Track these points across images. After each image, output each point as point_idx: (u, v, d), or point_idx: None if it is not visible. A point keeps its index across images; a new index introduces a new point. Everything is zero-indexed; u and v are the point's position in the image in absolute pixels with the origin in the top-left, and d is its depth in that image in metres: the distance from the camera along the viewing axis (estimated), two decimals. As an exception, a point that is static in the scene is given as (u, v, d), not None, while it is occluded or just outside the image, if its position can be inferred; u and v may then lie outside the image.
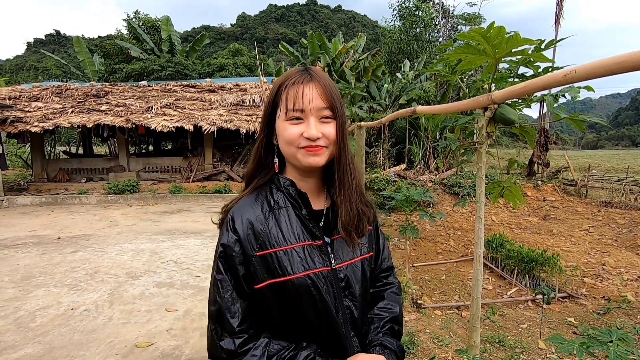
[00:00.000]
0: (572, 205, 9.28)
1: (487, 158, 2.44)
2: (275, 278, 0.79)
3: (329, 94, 0.80)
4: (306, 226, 0.85)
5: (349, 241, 0.86)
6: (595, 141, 75.40)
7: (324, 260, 0.84)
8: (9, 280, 3.87)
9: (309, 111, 0.79)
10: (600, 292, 4.35)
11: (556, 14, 11.86)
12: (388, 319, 0.94)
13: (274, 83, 0.86)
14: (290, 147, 0.81)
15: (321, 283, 0.81)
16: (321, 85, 0.80)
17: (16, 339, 2.71)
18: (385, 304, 0.97)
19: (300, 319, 0.81)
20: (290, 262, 0.80)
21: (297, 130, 0.79)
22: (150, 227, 6.44)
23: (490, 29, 1.54)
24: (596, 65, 0.92)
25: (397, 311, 0.97)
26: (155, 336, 2.75)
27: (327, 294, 0.82)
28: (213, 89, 11.62)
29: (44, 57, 29.17)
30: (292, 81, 0.81)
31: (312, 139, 0.78)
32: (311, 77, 0.81)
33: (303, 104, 0.78)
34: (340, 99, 0.83)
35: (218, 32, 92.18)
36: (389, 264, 1.04)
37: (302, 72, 0.82)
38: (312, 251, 0.83)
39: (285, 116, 0.80)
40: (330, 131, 0.81)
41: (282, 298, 0.80)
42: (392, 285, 1.02)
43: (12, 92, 10.57)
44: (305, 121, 0.80)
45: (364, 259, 0.90)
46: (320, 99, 0.79)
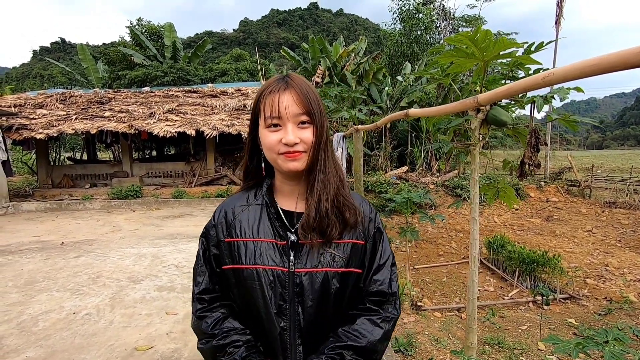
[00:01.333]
0: (575, 206, 9.23)
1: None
2: (233, 264, 0.88)
3: (305, 100, 0.82)
4: (273, 225, 0.88)
5: (323, 244, 0.84)
6: (600, 141, 74.79)
7: (282, 260, 0.85)
8: (12, 285, 3.92)
9: (286, 118, 0.81)
10: (602, 293, 4.32)
11: (556, 14, 11.86)
12: (344, 345, 0.82)
13: (257, 94, 0.88)
14: (271, 153, 0.84)
15: (268, 280, 0.83)
16: (297, 92, 0.82)
17: (19, 342, 2.75)
18: (351, 328, 0.84)
19: (249, 308, 0.87)
20: (245, 252, 0.86)
21: (275, 137, 0.82)
22: (152, 231, 6.49)
23: (477, 32, 1.56)
24: (572, 68, 0.95)
25: (363, 343, 0.82)
26: (155, 339, 2.78)
27: (272, 293, 0.83)
28: (215, 94, 11.72)
29: (50, 65, 29.53)
30: (270, 90, 0.83)
31: (289, 145, 0.81)
32: (287, 85, 0.83)
33: (279, 111, 0.81)
34: (318, 103, 0.85)
35: (220, 38, 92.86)
36: (382, 289, 0.88)
37: (279, 80, 0.85)
38: (271, 249, 0.86)
39: (264, 124, 0.83)
40: (307, 136, 0.83)
41: (238, 284, 0.87)
42: (376, 314, 0.87)
43: (17, 99, 10.73)
44: (283, 128, 0.82)
45: (334, 272, 0.84)
46: (296, 105, 0.82)
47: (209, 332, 0.86)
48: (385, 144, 11.69)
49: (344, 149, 4.76)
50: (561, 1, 11.91)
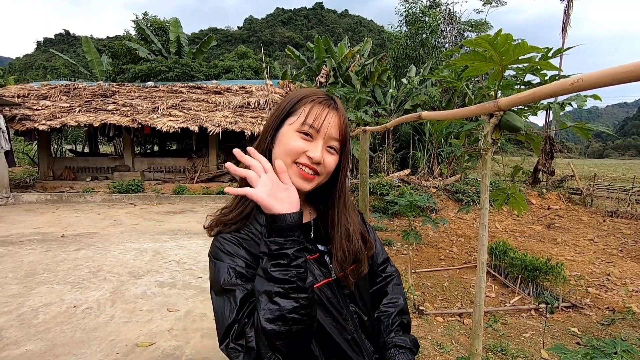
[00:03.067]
0: (577, 214, 9.21)
1: (491, 165, 2.43)
2: None
3: (344, 129, 0.82)
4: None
5: (343, 280, 0.83)
6: (601, 150, 74.84)
7: (324, 271, 0.83)
8: (12, 277, 3.90)
9: (322, 134, 0.79)
10: (604, 303, 4.30)
11: (563, 22, 11.86)
12: (396, 314, 0.94)
13: (298, 92, 0.84)
14: (287, 158, 0.78)
15: (327, 295, 0.81)
16: (341, 118, 0.82)
17: (19, 335, 2.72)
18: (390, 298, 0.97)
19: (317, 334, 0.77)
20: None
21: (303, 144, 0.78)
22: (153, 227, 6.47)
23: (498, 36, 1.54)
24: (604, 74, 0.92)
25: (402, 302, 0.97)
26: (156, 336, 2.76)
27: (332, 306, 0.81)
28: (219, 90, 11.70)
29: (53, 57, 29.49)
30: (320, 100, 0.81)
31: (313, 161, 0.78)
32: (337, 107, 0.83)
33: (322, 126, 0.79)
34: (349, 136, 0.85)
35: (225, 35, 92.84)
36: (384, 256, 1.04)
37: (328, 96, 0.84)
38: (311, 265, 0.81)
39: (298, 127, 0.79)
40: (330, 163, 0.81)
41: None
42: (392, 277, 1.02)
43: (21, 90, 10.70)
44: (314, 141, 0.79)
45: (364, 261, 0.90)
46: (336, 129, 0.81)
47: None
48: (388, 147, 11.68)
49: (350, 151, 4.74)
50: (568, 8, 11.91)
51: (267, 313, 0.63)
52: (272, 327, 0.63)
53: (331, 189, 0.87)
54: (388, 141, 11.73)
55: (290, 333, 0.64)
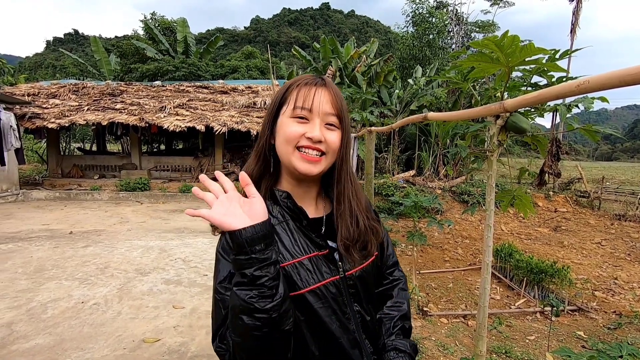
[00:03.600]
0: (584, 217, 9.12)
1: (497, 167, 2.43)
2: (292, 292, 0.76)
3: (338, 103, 0.80)
4: (309, 237, 0.81)
5: (348, 257, 0.82)
6: (610, 153, 73.91)
7: (332, 269, 0.81)
8: (22, 272, 3.96)
9: (316, 113, 0.77)
10: (611, 307, 4.26)
11: (572, 23, 11.74)
12: (398, 318, 0.93)
13: (285, 84, 0.84)
14: (288, 147, 0.78)
15: (332, 293, 0.79)
16: (332, 93, 0.80)
17: (28, 329, 2.77)
18: (394, 302, 0.96)
19: (316, 330, 0.78)
20: (299, 276, 0.77)
21: (299, 128, 0.77)
22: (160, 225, 6.53)
23: (504, 37, 1.54)
24: (610, 76, 0.93)
25: (406, 308, 0.96)
26: (162, 332, 2.79)
27: (336, 304, 0.80)
28: (225, 90, 11.76)
29: (62, 56, 29.83)
30: (305, 82, 0.80)
31: (314, 140, 0.76)
32: (324, 83, 0.81)
33: (312, 104, 0.77)
34: (347, 112, 0.83)
35: (232, 35, 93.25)
36: (394, 260, 1.03)
37: (315, 76, 0.83)
38: (319, 262, 0.80)
39: (291, 112, 0.78)
40: (333, 139, 0.79)
41: (301, 309, 0.77)
42: (399, 281, 1.01)
43: (31, 89, 10.85)
44: (310, 122, 0.78)
45: (373, 260, 0.89)
46: (330, 105, 0.78)
47: None
48: (393, 147, 11.66)
49: (355, 150, 4.75)
50: (577, 10, 11.80)
51: (234, 327, 0.67)
52: (237, 339, 0.67)
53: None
54: (393, 142, 11.71)
55: (254, 347, 0.66)
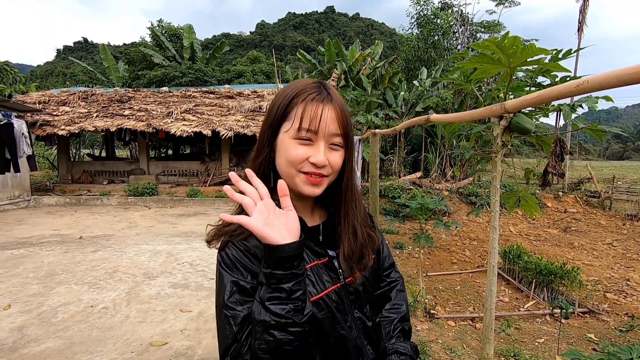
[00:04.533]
0: (594, 217, 8.97)
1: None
2: None
3: (344, 120, 0.76)
4: (309, 246, 0.79)
5: (348, 270, 0.81)
6: (621, 152, 72.55)
7: (333, 277, 0.80)
8: (33, 277, 4.04)
9: (322, 135, 0.73)
10: (623, 309, 4.18)
11: (579, 21, 11.61)
12: (397, 320, 0.93)
13: (286, 92, 0.77)
14: (291, 169, 0.74)
15: (334, 302, 0.78)
16: (339, 109, 0.75)
17: (39, 333, 2.82)
18: (392, 304, 0.96)
19: (319, 339, 0.76)
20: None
21: (303, 152, 0.73)
22: (167, 229, 6.59)
23: (505, 38, 1.54)
24: (608, 76, 0.93)
25: (404, 309, 0.96)
26: (170, 336, 2.82)
27: (338, 313, 0.78)
28: (231, 95, 11.87)
29: (72, 64, 30.40)
30: (311, 97, 0.74)
31: (318, 166, 0.73)
32: (331, 98, 0.75)
33: (319, 126, 0.72)
34: (351, 124, 0.80)
35: (237, 40, 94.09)
36: (390, 261, 1.02)
37: (319, 88, 0.76)
38: (320, 271, 0.79)
39: (295, 133, 0.73)
40: (336, 160, 0.76)
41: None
42: (396, 283, 1.00)
43: (42, 97, 11.08)
44: (314, 144, 0.74)
45: (372, 267, 0.89)
46: (336, 125, 0.74)
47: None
48: (399, 149, 11.63)
49: (360, 152, 4.75)
50: (584, 8, 11.67)
51: (263, 343, 0.63)
52: (266, 356, 0.64)
53: (339, 186, 0.83)
54: (399, 144, 11.68)
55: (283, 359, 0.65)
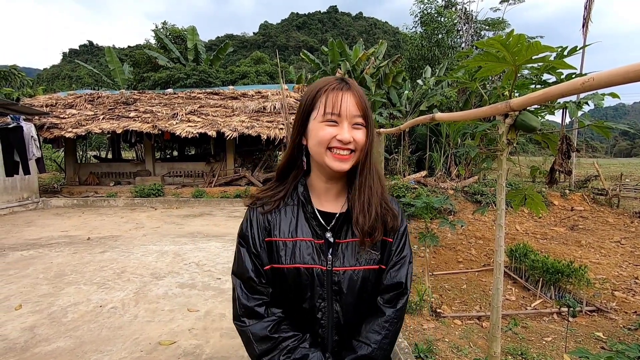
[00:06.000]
0: (602, 215, 8.88)
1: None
2: (273, 264, 0.89)
3: (363, 104, 0.88)
4: (310, 225, 0.91)
5: (360, 242, 0.88)
6: (629, 149, 71.58)
7: (321, 259, 0.88)
8: (43, 278, 4.09)
9: (344, 116, 0.86)
10: (632, 307, 4.14)
11: (584, 17, 11.49)
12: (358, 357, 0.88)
13: (311, 88, 0.91)
14: (320, 148, 0.86)
15: (309, 279, 0.87)
16: (357, 95, 0.88)
17: (49, 332, 2.87)
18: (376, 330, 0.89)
19: (289, 304, 0.89)
20: (285, 252, 0.88)
21: (331, 131, 0.85)
22: (173, 229, 6.65)
23: (510, 36, 1.54)
24: (614, 73, 0.93)
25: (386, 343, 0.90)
26: (178, 335, 2.84)
27: (311, 291, 0.87)
28: (235, 96, 11.91)
29: (78, 67, 30.70)
30: (332, 87, 0.87)
31: (344, 142, 0.85)
32: (349, 87, 0.88)
33: (341, 109, 0.85)
34: (370, 110, 0.91)
35: (241, 41, 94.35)
36: (401, 281, 0.92)
37: (340, 81, 0.89)
38: (310, 247, 0.89)
39: (322, 118, 0.86)
40: (360, 137, 0.87)
41: (279, 282, 0.89)
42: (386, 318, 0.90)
43: (49, 99, 11.21)
44: (339, 125, 0.86)
45: (371, 270, 0.90)
46: (356, 107, 0.86)
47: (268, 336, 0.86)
48: (404, 148, 11.60)
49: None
50: (589, 4, 11.54)
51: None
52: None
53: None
54: (404, 143, 11.65)
55: None
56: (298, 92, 11.90)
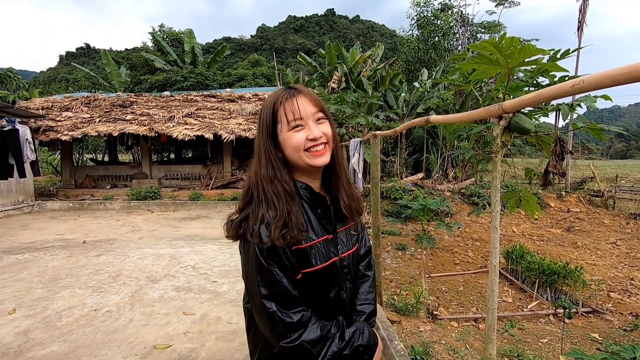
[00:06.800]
0: (598, 217, 8.93)
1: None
2: (304, 269, 0.93)
3: (317, 101, 0.96)
4: (322, 223, 0.99)
5: (347, 228, 1.05)
6: (624, 150, 72.04)
7: (334, 252, 1.00)
8: (37, 281, 4.06)
9: (306, 117, 0.93)
10: (627, 308, 4.16)
11: (579, 20, 11.60)
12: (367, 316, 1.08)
13: (265, 105, 0.97)
14: (298, 152, 0.93)
15: (336, 270, 0.99)
16: (308, 95, 0.96)
17: (44, 336, 2.84)
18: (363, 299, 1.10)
19: (319, 298, 0.97)
20: (315, 255, 0.95)
21: (301, 135, 0.93)
22: (170, 232, 6.62)
23: (502, 39, 1.56)
24: (603, 76, 0.94)
25: (372, 307, 1.10)
26: (173, 338, 2.83)
27: (338, 280, 1.00)
28: (232, 98, 11.92)
29: (75, 69, 30.63)
30: (285, 97, 0.94)
31: (316, 139, 0.93)
32: (299, 91, 0.96)
33: (300, 112, 0.93)
34: (324, 104, 1.00)
35: (238, 44, 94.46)
36: (369, 245, 1.20)
37: (287, 90, 0.97)
38: (328, 244, 0.99)
39: (287, 127, 0.93)
40: (327, 130, 0.96)
41: (309, 283, 0.94)
42: (367, 279, 1.14)
43: (45, 102, 11.16)
44: (306, 127, 0.93)
45: (358, 247, 1.11)
46: (312, 106, 0.95)
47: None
48: (400, 150, 11.62)
49: (361, 154, 4.76)
50: (584, 7, 11.65)
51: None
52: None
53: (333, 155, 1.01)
54: (401, 145, 11.68)
55: None
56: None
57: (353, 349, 0.94)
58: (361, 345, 0.96)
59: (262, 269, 0.87)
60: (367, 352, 0.98)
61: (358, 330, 0.98)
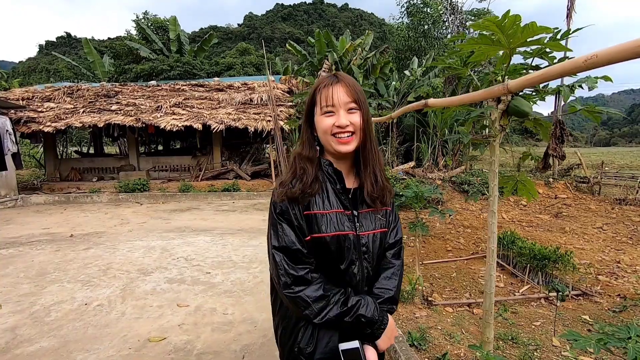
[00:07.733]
0: (584, 202, 9.11)
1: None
2: (314, 234, 1.02)
3: (353, 91, 1.03)
4: (339, 198, 1.07)
5: (372, 211, 1.10)
6: (608, 138, 73.67)
7: (351, 226, 1.06)
8: (24, 276, 3.94)
9: (338, 105, 1.02)
10: (615, 290, 4.26)
11: (568, 7, 11.65)
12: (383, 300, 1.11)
13: (312, 88, 1.09)
14: (326, 136, 1.04)
15: (347, 243, 1.04)
16: (346, 85, 1.04)
17: (32, 332, 2.76)
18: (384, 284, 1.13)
19: (329, 268, 1.04)
20: (325, 223, 1.02)
21: (330, 121, 1.03)
22: (160, 224, 6.50)
23: (505, 17, 1.51)
24: (619, 49, 0.90)
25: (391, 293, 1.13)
26: (167, 331, 2.78)
27: (348, 253, 1.04)
28: (221, 88, 11.69)
29: (56, 59, 29.61)
30: (324, 84, 1.05)
31: (342, 127, 1.02)
32: (338, 80, 1.05)
33: (333, 100, 1.02)
34: (363, 94, 1.07)
35: (226, 32, 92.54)
36: (398, 238, 1.21)
37: (331, 77, 1.07)
38: (343, 217, 1.05)
39: (320, 111, 1.05)
40: (356, 120, 1.03)
41: (319, 250, 1.02)
42: (392, 266, 1.17)
43: (25, 93, 10.77)
44: (336, 114, 1.03)
45: (383, 232, 1.13)
46: (346, 95, 1.03)
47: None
48: (391, 139, 11.62)
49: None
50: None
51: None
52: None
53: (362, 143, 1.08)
54: (392, 134, 11.66)
55: None
56: (285, 83, 11.74)
57: (354, 317, 0.98)
58: (363, 316, 0.99)
59: (274, 223, 1.03)
60: (370, 325, 1.00)
61: (363, 301, 1.01)
